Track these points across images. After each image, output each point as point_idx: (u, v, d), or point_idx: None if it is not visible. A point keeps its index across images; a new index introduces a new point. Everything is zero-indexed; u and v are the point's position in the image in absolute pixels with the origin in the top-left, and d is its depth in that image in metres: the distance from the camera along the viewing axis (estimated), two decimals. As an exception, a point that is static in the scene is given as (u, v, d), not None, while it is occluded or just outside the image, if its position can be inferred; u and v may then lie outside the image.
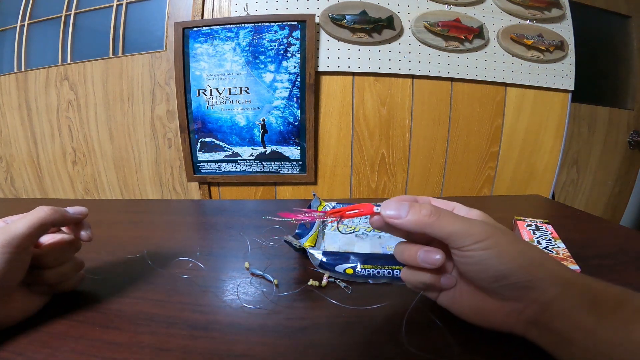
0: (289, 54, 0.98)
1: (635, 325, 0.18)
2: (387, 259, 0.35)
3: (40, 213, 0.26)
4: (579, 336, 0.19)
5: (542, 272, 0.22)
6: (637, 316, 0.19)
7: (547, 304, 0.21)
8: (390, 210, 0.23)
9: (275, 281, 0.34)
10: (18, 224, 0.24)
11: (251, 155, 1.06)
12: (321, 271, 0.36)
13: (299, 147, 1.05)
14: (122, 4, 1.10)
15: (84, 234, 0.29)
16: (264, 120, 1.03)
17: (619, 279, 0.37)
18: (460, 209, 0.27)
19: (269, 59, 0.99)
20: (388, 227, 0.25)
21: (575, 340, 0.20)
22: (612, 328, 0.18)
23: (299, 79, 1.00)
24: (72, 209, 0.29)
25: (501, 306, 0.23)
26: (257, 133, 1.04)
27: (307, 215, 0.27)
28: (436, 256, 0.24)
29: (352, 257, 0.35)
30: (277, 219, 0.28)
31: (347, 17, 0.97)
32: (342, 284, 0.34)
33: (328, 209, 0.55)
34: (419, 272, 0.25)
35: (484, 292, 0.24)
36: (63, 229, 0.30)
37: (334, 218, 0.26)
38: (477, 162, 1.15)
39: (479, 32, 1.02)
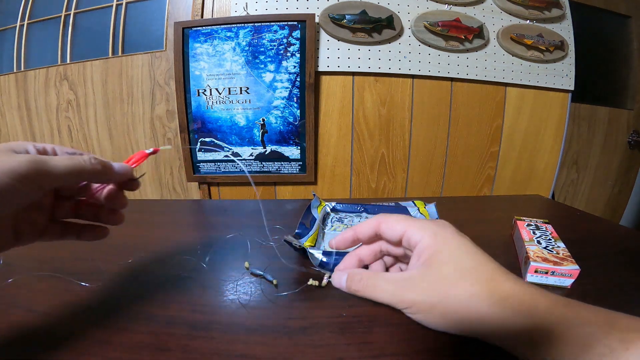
0: (288, 54, 0.98)
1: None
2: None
3: (85, 163, 0.22)
4: None
5: (485, 329, 0.21)
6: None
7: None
8: (335, 283, 0.29)
9: (275, 281, 0.34)
10: (59, 162, 0.21)
11: (251, 155, 1.06)
12: (321, 271, 0.36)
13: (299, 147, 1.05)
14: (121, 4, 1.10)
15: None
16: (263, 120, 1.03)
17: (619, 279, 0.37)
18: (413, 234, 0.25)
19: (269, 59, 0.99)
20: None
21: None
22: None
23: (298, 79, 1.00)
24: (117, 166, 0.25)
25: None
26: (257, 133, 1.04)
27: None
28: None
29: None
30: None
31: (347, 17, 0.97)
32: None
33: (328, 209, 0.55)
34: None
35: None
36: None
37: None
38: (477, 162, 1.15)
39: (479, 32, 1.02)
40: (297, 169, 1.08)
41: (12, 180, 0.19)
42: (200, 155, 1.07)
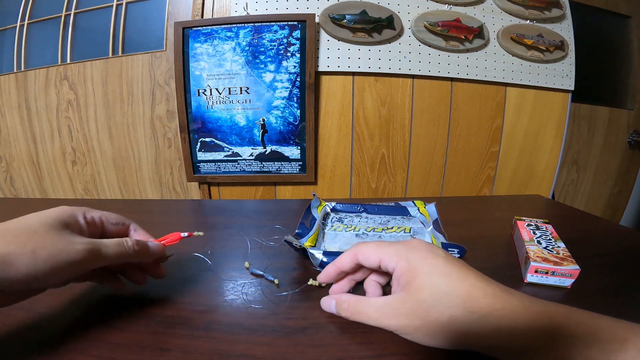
0: (288, 54, 0.98)
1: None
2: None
3: (129, 250, 0.27)
4: None
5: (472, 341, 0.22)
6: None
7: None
8: (324, 307, 0.29)
9: (276, 281, 0.34)
10: (109, 247, 0.25)
11: (251, 155, 1.06)
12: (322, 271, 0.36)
13: (299, 147, 1.05)
14: (122, 4, 1.10)
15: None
16: (264, 120, 1.03)
17: (619, 278, 0.37)
18: (389, 262, 0.26)
19: (269, 59, 0.99)
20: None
21: None
22: None
23: (298, 79, 1.00)
24: (153, 246, 0.30)
25: None
26: (257, 133, 1.04)
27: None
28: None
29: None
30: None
31: (347, 16, 0.97)
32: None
33: (328, 209, 0.55)
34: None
35: None
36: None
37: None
38: (477, 162, 1.15)
39: (479, 32, 1.02)
40: (297, 169, 1.08)
41: (73, 266, 0.22)
42: (201, 155, 1.07)
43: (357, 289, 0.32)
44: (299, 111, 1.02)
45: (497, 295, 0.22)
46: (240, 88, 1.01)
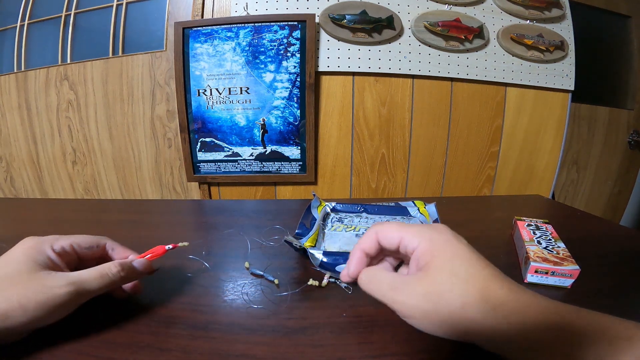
0: (289, 54, 0.98)
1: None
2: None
3: (113, 277, 0.26)
4: None
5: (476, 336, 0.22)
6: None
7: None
8: (343, 278, 0.28)
9: (276, 281, 0.34)
10: (93, 282, 0.25)
11: (251, 155, 1.06)
12: (322, 271, 0.36)
13: (299, 147, 1.05)
14: (122, 4, 1.10)
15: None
16: (264, 120, 1.03)
17: (619, 278, 0.37)
18: (410, 241, 0.25)
19: (269, 59, 0.99)
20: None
21: None
22: None
23: (299, 79, 1.00)
24: (139, 265, 0.29)
25: None
26: (257, 133, 1.04)
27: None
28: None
29: (352, 257, 0.35)
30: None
31: (347, 17, 0.97)
32: (343, 285, 0.34)
33: (328, 209, 0.55)
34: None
35: None
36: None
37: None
38: (477, 162, 1.15)
39: (479, 32, 1.02)
40: (297, 169, 1.08)
41: (57, 308, 0.23)
42: (201, 155, 1.07)
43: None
44: (299, 111, 1.02)
45: (512, 288, 0.22)
46: (241, 88, 1.01)
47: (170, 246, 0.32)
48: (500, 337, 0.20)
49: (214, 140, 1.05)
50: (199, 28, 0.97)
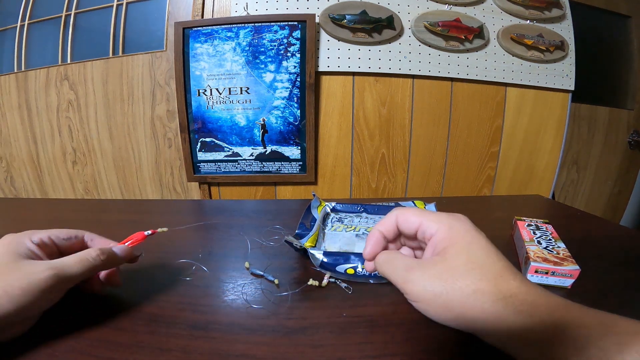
0: (289, 54, 0.98)
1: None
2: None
3: (94, 262, 0.27)
4: None
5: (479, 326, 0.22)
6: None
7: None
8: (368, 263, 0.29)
9: (276, 281, 0.34)
10: (73, 266, 0.25)
11: (251, 155, 1.06)
12: (322, 271, 0.36)
13: (299, 147, 1.05)
14: (122, 4, 1.10)
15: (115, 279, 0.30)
16: (264, 120, 1.03)
17: (619, 278, 0.37)
18: (429, 226, 0.26)
19: (269, 59, 0.99)
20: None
21: None
22: None
23: (299, 79, 1.00)
24: (119, 251, 0.29)
25: None
26: (257, 133, 1.04)
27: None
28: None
29: (353, 257, 0.35)
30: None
31: (347, 17, 0.97)
32: (343, 285, 0.34)
33: (328, 210, 0.55)
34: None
35: None
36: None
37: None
38: (477, 162, 1.15)
39: (479, 32, 1.02)
40: (298, 169, 1.08)
41: (42, 294, 0.23)
42: (201, 155, 1.07)
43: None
44: (299, 111, 1.02)
45: (524, 281, 0.22)
46: (241, 88, 1.01)
47: (150, 232, 0.32)
48: (507, 328, 0.21)
49: (214, 140, 1.05)
50: (199, 28, 0.97)
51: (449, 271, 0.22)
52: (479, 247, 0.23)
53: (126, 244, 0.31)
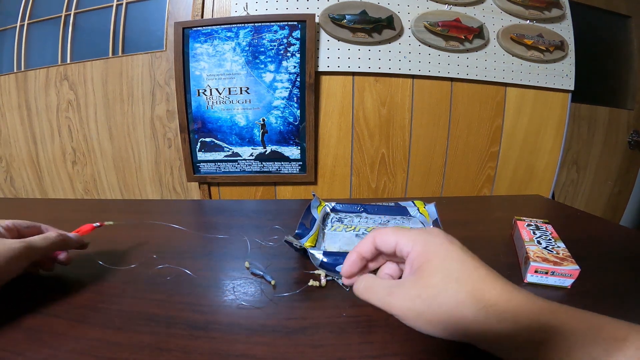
0: (288, 54, 0.98)
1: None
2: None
3: (56, 240, 0.33)
4: None
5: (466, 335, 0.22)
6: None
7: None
8: (346, 281, 0.29)
9: (273, 282, 0.34)
10: (39, 242, 0.32)
11: (251, 155, 1.06)
12: (321, 271, 0.36)
13: (299, 147, 1.05)
14: (122, 4, 1.10)
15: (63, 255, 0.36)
16: (264, 120, 1.03)
17: (618, 278, 0.37)
18: (405, 244, 0.26)
19: (269, 59, 0.99)
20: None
21: None
22: None
23: (299, 79, 1.00)
24: (73, 236, 0.36)
25: None
26: (257, 133, 1.04)
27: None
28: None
29: (352, 257, 0.35)
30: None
31: (347, 17, 0.97)
32: (342, 283, 0.34)
33: (328, 210, 0.55)
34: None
35: None
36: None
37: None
38: (477, 162, 1.15)
39: (479, 32, 1.02)
40: (297, 169, 1.08)
41: (15, 260, 0.29)
42: (201, 155, 1.07)
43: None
44: (299, 111, 1.02)
45: (505, 289, 0.22)
46: (240, 88, 1.01)
47: (98, 224, 0.39)
48: (492, 337, 0.21)
49: (214, 140, 1.05)
50: (199, 28, 0.97)
51: (427, 289, 0.23)
52: (455, 261, 0.23)
53: (78, 232, 0.37)
